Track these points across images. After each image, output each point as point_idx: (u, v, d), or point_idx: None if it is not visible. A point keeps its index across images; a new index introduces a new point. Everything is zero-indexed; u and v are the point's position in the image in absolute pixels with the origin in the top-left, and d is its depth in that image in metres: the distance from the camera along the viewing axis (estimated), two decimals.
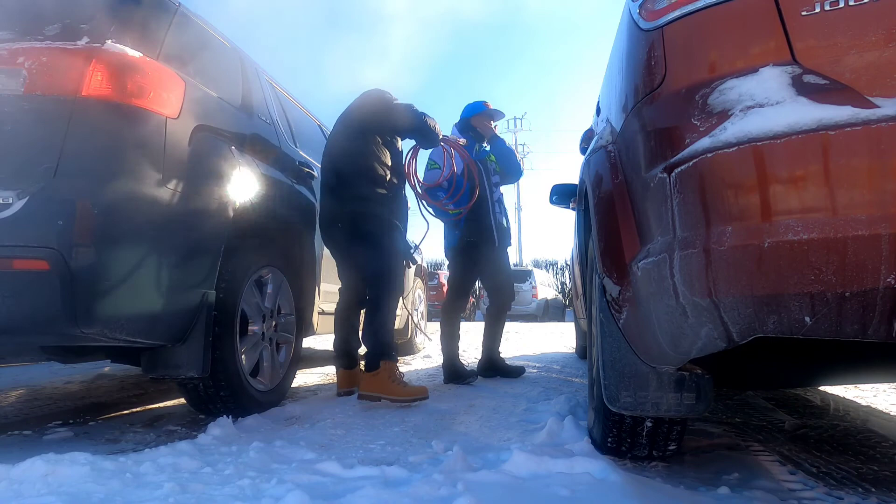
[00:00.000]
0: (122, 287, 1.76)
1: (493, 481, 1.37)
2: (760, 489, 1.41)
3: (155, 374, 2.06)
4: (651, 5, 1.24)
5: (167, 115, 1.94)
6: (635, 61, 1.30)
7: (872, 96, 0.93)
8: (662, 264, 1.10)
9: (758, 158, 0.96)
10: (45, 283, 1.63)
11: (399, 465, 1.60)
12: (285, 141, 2.95)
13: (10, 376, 3.49)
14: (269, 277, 2.58)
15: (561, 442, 1.79)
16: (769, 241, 0.94)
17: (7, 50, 1.78)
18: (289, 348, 2.73)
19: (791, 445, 1.85)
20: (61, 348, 2.01)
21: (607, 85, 1.74)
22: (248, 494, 1.32)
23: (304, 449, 1.75)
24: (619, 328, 1.38)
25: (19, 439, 1.97)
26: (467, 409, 2.53)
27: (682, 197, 1.06)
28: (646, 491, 1.33)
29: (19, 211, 1.62)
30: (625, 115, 1.35)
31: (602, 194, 1.48)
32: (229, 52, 2.71)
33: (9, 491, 1.29)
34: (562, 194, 3.67)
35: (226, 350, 2.18)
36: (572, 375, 3.78)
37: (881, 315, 0.90)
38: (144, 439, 1.99)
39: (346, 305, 3.05)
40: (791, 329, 0.98)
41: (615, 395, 1.39)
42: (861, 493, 1.39)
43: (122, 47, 1.87)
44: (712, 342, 1.09)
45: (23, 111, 1.70)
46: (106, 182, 1.74)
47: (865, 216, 0.88)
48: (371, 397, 2.67)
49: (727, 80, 1.07)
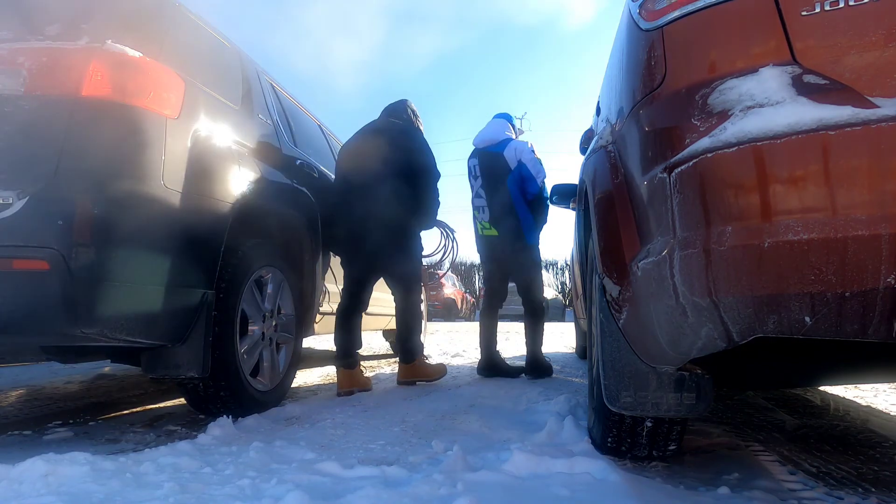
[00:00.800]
0: (122, 287, 1.76)
1: (493, 481, 1.37)
2: (760, 489, 1.41)
3: (155, 374, 2.06)
4: (651, 5, 1.24)
5: (167, 115, 1.94)
6: (635, 61, 1.30)
7: (872, 96, 0.93)
8: (662, 264, 1.10)
9: (758, 158, 0.96)
10: (45, 284, 1.62)
11: (399, 465, 1.60)
12: (285, 141, 2.95)
13: (10, 376, 3.49)
14: (269, 277, 2.58)
15: (561, 442, 1.79)
16: (769, 241, 0.94)
17: (7, 50, 1.78)
18: (289, 348, 2.73)
19: (791, 445, 1.85)
20: (61, 348, 2.01)
21: (607, 85, 1.74)
22: (248, 494, 1.32)
23: (304, 449, 1.75)
24: (619, 328, 1.38)
25: (19, 439, 1.97)
26: (467, 409, 2.53)
27: (682, 197, 1.06)
28: (646, 491, 1.33)
29: (19, 211, 1.62)
30: (625, 115, 1.35)
31: (602, 194, 1.48)
32: (229, 51, 2.71)
33: (9, 491, 1.28)
34: (562, 194, 3.68)
35: (226, 350, 2.18)
36: (572, 375, 3.78)
37: (881, 315, 0.90)
38: (144, 439, 1.99)
39: (348, 306, 3.15)
40: (791, 329, 0.98)
41: (615, 395, 1.39)
42: (861, 493, 1.39)
43: (122, 47, 1.87)
44: (712, 342, 1.09)
45: (23, 111, 1.70)
46: (106, 182, 1.74)
47: (865, 216, 0.88)
48: (409, 382, 3.27)
49: (727, 80, 1.07)
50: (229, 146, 2.29)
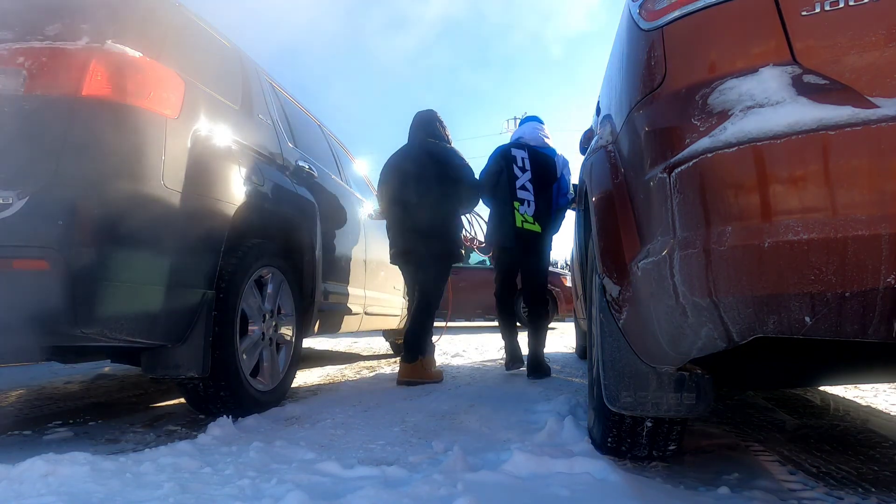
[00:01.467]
0: (122, 287, 1.76)
1: (493, 481, 1.37)
2: (760, 489, 1.41)
3: (155, 374, 2.06)
4: (651, 5, 1.24)
5: (167, 115, 1.94)
6: (635, 61, 1.30)
7: (872, 96, 0.93)
8: (662, 264, 1.10)
9: (758, 158, 0.96)
10: (45, 284, 1.62)
11: (399, 465, 1.60)
12: (285, 141, 2.95)
13: (10, 376, 3.49)
14: (269, 277, 2.58)
15: (561, 442, 1.79)
16: (769, 241, 0.94)
17: (7, 50, 1.78)
18: (289, 348, 2.73)
19: (791, 445, 1.85)
20: (61, 348, 2.01)
21: (607, 85, 1.74)
22: (249, 494, 1.32)
23: (304, 449, 1.75)
24: (619, 328, 1.38)
25: (19, 439, 1.97)
26: (467, 409, 2.53)
27: (682, 197, 1.06)
28: (646, 491, 1.33)
29: (19, 211, 1.62)
30: (625, 116, 1.35)
31: (602, 194, 1.48)
32: (229, 51, 2.71)
33: (9, 491, 1.28)
34: None
35: (226, 350, 2.18)
36: (572, 375, 3.78)
37: (881, 315, 0.90)
38: (144, 439, 1.99)
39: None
40: (791, 329, 0.98)
41: (615, 395, 1.39)
42: (861, 493, 1.39)
43: (122, 47, 1.87)
44: (712, 342, 1.09)
45: (23, 111, 1.70)
46: (106, 182, 1.74)
47: (865, 216, 0.88)
48: (412, 382, 3.33)
49: (727, 80, 1.07)
50: (229, 146, 2.29)
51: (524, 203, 3.69)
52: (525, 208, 3.68)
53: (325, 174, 3.40)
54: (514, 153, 3.79)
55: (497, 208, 3.79)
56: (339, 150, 4.26)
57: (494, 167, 3.79)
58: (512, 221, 3.68)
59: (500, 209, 3.76)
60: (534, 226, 3.69)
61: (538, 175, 3.72)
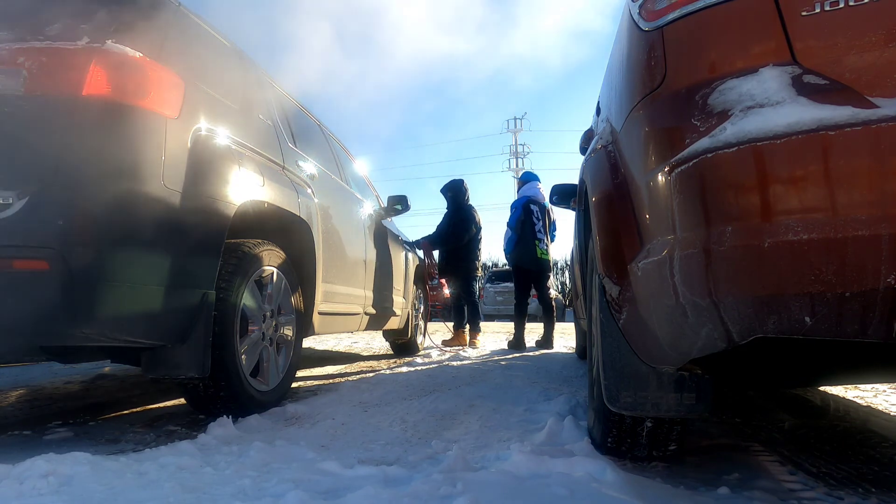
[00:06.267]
0: (122, 287, 1.76)
1: (493, 481, 1.37)
2: (760, 489, 1.41)
3: (155, 374, 2.06)
4: (651, 5, 1.24)
5: (167, 115, 1.94)
6: (635, 61, 1.30)
7: (872, 96, 0.93)
8: (662, 264, 1.10)
9: (758, 159, 0.96)
10: (45, 284, 1.62)
11: (399, 464, 1.60)
12: (285, 141, 2.95)
13: (10, 376, 3.50)
14: (270, 278, 2.58)
15: (561, 442, 1.79)
16: (769, 241, 0.94)
17: (7, 50, 1.78)
18: (289, 348, 2.73)
19: (791, 445, 1.85)
20: (61, 348, 2.00)
21: (607, 85, 1.74)
22: (249, 494, 1.32)
23: (304, 449, 1.75)
24: (619, 328, 1.38)
25: (19, 439, 1.97)
26: (467, 409, 2.53)
27: (682, 197, 1.06)
28: (646, 491, 1.33)
29: (19, 211, 1.62)
30: (625, 116, 1.35)
31: (602, 194, 1.48)
32: (229, 51, 2.71)
33: (10, 490, 1.28)
34: (562, 194, 3.70)
35: (226, 350, 2.18)
36: (572, 375, 3.78)
37: (881, 315, 0.90)
38: (145, 439, 1.99)
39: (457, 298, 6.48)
40: (791, 329, 0.98)
41: (615, 395, 1.39)
42: (861, 493, 1.39)
43: (122, 47, 1.87)
44: (712, 342, 1.09)
45: (23, 111, 1.70)
46: (106, 182, 1.73)
47: (865, 216, 0.88)
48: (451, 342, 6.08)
49: (727, 80, 1.07)
50: (229, 146, 2.29)
51: (541, 241, 6.04)
52: (542, 245, 6.05)
53: (325, 174, 3.40)
54: (531, 208, 6.10)
55: (523, 243, 6.03)
56: (340, 151, 4.27)
57: (522, 216, 6.04)
58: (535, 254, 6.01)
59: (526, 244, 6.02)
60: (546, 255, 6.11)
61: (545, 222, 6.13)
